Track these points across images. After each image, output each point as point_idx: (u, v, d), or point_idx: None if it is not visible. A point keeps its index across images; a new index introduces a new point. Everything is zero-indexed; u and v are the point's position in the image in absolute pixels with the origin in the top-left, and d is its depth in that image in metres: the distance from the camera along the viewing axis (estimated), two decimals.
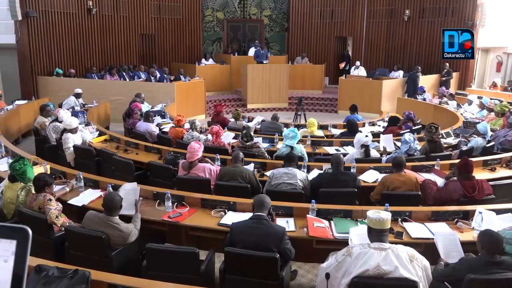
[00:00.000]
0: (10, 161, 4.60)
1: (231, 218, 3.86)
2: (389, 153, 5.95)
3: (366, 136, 5.67)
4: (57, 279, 2.49)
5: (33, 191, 3.96)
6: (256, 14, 15.53)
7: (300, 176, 4.60)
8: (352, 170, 5.03)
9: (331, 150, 6.44)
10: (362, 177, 5.02)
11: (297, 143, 5.74)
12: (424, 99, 10.77)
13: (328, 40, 15.13)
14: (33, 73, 11.21)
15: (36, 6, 10.98)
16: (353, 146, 6.10)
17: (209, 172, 4.85)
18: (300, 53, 14.84)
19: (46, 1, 11.23)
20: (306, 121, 8.89)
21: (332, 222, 3.82)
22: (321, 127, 7.93)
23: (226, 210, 4.06)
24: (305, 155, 5.78)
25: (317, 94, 13.67)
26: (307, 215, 3.84)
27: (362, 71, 13.26)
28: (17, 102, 9.49)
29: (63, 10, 11.68)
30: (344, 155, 5.64)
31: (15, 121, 8.65)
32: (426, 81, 12.44)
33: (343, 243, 3.40)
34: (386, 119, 8.55)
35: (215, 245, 3.73)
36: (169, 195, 4.09)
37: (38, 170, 4.51)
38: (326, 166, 5.11)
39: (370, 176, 5.08)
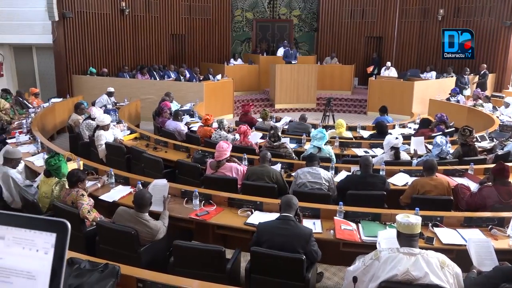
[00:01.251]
0: (46, 156, 4.77)
1: (257, 217, 3.87)
2: (420, 156, 5.81)
3: (396, 138, 5.56)
4: (88, 272, 2.56)
5: (67, 186, 4.09)
6: (285, 14, 15.50)
7: (324, 175, 4.56)
8: (381, 173, 4.95)
9: (359, 152, 6.35)
10: (391, 180, 4.92)
11: (325, 144, 5.70)
12: (458, 101, 10.44)
13: (358, 40, 14.91)
14: (68, 72, 11.61)
15: (72, 7, 11.35)
16: (382, 148, 5.99)
17: (236, 172, 4.88)
18: (329, 53, 14.70)
19: (82, 2, 11.59)
20: (334, 122, 8.79)
21: (360, 225, 3.76)
22: (350, 128, 7.83)
23: (253, 210, 4.07)
24: (333, 156, 5.72)
25: (346, 95, 13.50)
26: (335, 217, 3.79)
27: (393, 72, 12.99)
28: (53, 100, 9.85)
29: (97, 11, 12.03)
30: (373, 157, 5.54)
31: (51, 118, 8.96)
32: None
33: (371, 246, 3.34)
34: (418, 121, 8.35)
35: (241, 244, 3.75)
36: (196, 193, 4.14)
37: (71, 166, 4.66)
38: (355, 168, 5.04)
39: (400, 179, 4.97)
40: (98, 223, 3.67)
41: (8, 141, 6.52)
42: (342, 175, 5.08)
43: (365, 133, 7.71)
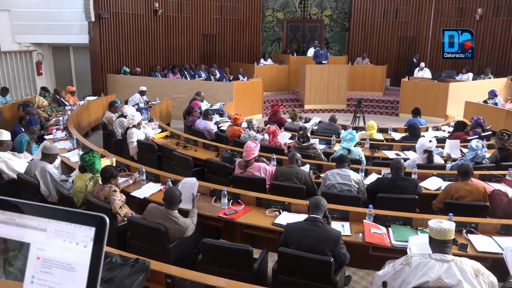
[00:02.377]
0: (81, 153, 4.92)
1: (285, 218, 3.86)
2: (454, 160, 5.63)
3: (430, 141, 5.41)
4: (119, 266, 2.63)
5: (100, 182, 4.21)
6: (316, 14, 15.38)
7: (354, 177, 4.50)
8: (413, 176, 4.83)
9: (390, 154, 6.22)
10: (423, 184, 4.79)
11: (354, 146, 5.62)
12: (496, 104, 10.04)
13: (391, 40, 14.61)
14: (103, 71, 11.96)
15: (107, 8, 11.69)
16: (414, 151, 5.85)
17: (264, 172, 4.88)
18: (360, 53, 14.48)
19: (117, 3, 11.91)
20: (365, 123, 8.66)
21: (390, 229, 3.68)
22: (381, 130, 7.69)
23: (281, 210, 4.06)
24: (363, 158, 5.63)
25: (377, 96, 13.25)
26: (364, 220, 3.73)
27: (427, 73, 12.64)
28: (88, 98, 10.18)
29: (131, 11, 12.33)
30: (405, 160, 5.41)
31: (86, 116, 9.25)
32: (498, 84, 11.60)
33: (401, 251, 3.27)
34: (452, 124, 8.09)
35: (268, 244, 3.75)
36: (225, 192, 4.17)
37: (105, 162, 4.79)
38: (385, 170, 4.94)
39: (433, 183, 4.84)
40: (129, 218, 3.76)
41: (46, 137, 6.78)
42: (372, 177, 4.99)
43: (397, 135, 7.55)
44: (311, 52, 13.52)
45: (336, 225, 3.66)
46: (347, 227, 3.73)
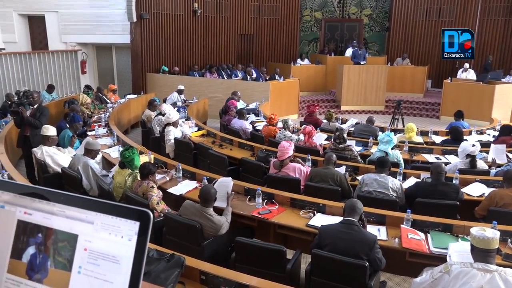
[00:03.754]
0: (121, 149, 5.09)
1: (320, 220, 3.82)
2: (499, 166, 5.37)
3: (473, 145, 5.19)
4: (155, 261, 2.70)
5: (139, 178, 4.33)
6: (355, 14, 15.11)
7: (392, 184, 4.35)
8: (454, 181, 4.65)
9: (430, 158, 6.01)
10: (465, 189, 4.60)
11: (392, 149, 5.48)
12: None
13: (434, 40, 14.10)
14: (143, 70, 12.31)
15: (149, 8, 12.01)
16: (456, 155, 5.63)
17: (299, 172, 4.85)
18: (401, 54, 14.09)
19: (158, 4, 12.22)
20: (404, 125, 8.44)
21: (428, 235, 3.56)
22: (421, 133, 7.46)
23: (315, 212, 4.02)
24: (402, 161, 5.49)
25: (417, 98, 12.86)
26: (401, 225, 3.63)
27: (471, 74, 12.13)
28: (128, 96, 10.50)
29: (171, 12, 12.60)
30: (446, 164, 5.22)
31: (126, 113, 9.55)
32: None
33: (440, 259, 3.16)
34: (498, 127, 7.72)
35: (301, 245, 3.73)
36: (259, 191, 4.18)
37: (143, 159, 4.93)
38: (425, 174, 4.79)
39: (476, 189, 4.64)
40: (165, 214, 3.84)
41: (88, 133, 7.06)
42: (411, 181, 4.85)
43: (438, 139, 7.29)
44: (349, 52, 13.31)
45: (372, 229, 3.58)
46: (383, 231, 3.64)
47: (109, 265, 0.58)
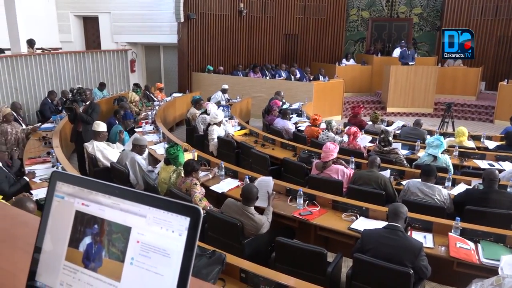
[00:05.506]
0: (166, 146, 5.23)
1: (362, 224, 3.74)
2: None
3: None
4: (197, 256, 2.75)
5: (183, 175, 4.43)
6: (404, 13, 14.64)
7: (439, 195, 4.11)
8: (509, 190, 4.39)
9: (483, 164, 5.71)
10: None
11: (441, 153, 5.26)
12: None
13: (489, 40, 13.38)
14: (189, 69, 12.60)
15: (196, 9, 12.27)
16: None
17: (342, 175, 4.78)
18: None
19: (205, 5, 12.45)
20: (454, 129, 8.08)
21: (479, 245, 3.39)
22: (472, 137, 7.11)
23: (358, 215, 3.94)
24: (451, 167, 5.26)
25: (469, 100, 12.27)
26: (449, 233, 3.48)
27: None
28: (174, 95, 10.78)
29: (218, 12, 12.80)
30: (500, 171, 4.94)
31: (172, 111, 9.81)
32: None
33: (491, 270, 3.00)
34: None
35: (342, 248, 3.66)
36: (301, 192, 4.15)
37: (187, 156, 5.04)
38: (476, 181, 4.56)
39: None
40: (207, 211, 3.91)
41: (136, 130, 7.31)
42: (460, 188, 4.63)
43: (491, 144, 6.91)
44: (396, 52, 12.92)
45: (417, 236, 3.46)
46: (429, 238, 3.50)
47: (160, 258, 0.60)
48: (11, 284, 0.78)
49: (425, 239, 3.45)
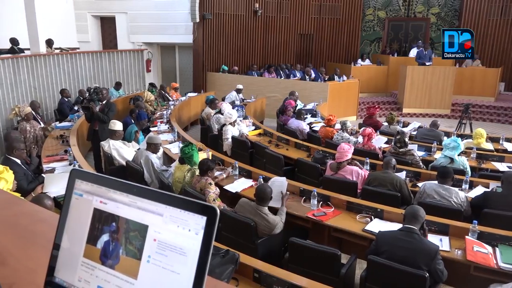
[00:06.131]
0: (181, 145, 5.26)
1: (377, 225, 3.70)
2: None
3: None
4: (211, 255, 2.76)
5: (197, 174, 4.46)
6: (422, 12, 14.44)
7: (456, 198, 4.06)
8: None
9: (501, 166, 5.60)
10: None
11: (458, 155, 5.17)
12: None
13: (509, 40, 13.10)
14: (203, 69, 12.65)
15: (211, 9, 12.32)
16: None
17: (356, 176, 4.74)
18: None
19: (220, 5, 12.49)
20: (472, 131, 7.95)
21: (497, 249, 3.32)
22: (491, 139, 6.97)
23: (372, 217, 3.90)
24: (468, 169, 5.17)
25: (488, 102, 12.04)
26: (466, 237, 3.42)
27: None
28: (189, 94, 10.84)
29: (233, 12, 12.83)
30: None
31: (186, 111, 9.87)
32: None
33: (509, 275, 2.94)
34: None
35: (357, 250, 3.63)
36: (315, 193, 4.13)
37: (202, 155, 5.06)
38: (494, 184, 4.47)
39: None
40: (221, 211, 3.91)
41: (151, 129, 7.38)
42: (478, 190, 4.54)
43: (510, 146, 6.77)
44: (413, 52, 12.76)
45: (433, 239, 3.41)
46: (445, 241, 3.45)
47: (176, 256, 0.61)
48: (31, 279, 0.80)
49: (441, 242, 3.40)
